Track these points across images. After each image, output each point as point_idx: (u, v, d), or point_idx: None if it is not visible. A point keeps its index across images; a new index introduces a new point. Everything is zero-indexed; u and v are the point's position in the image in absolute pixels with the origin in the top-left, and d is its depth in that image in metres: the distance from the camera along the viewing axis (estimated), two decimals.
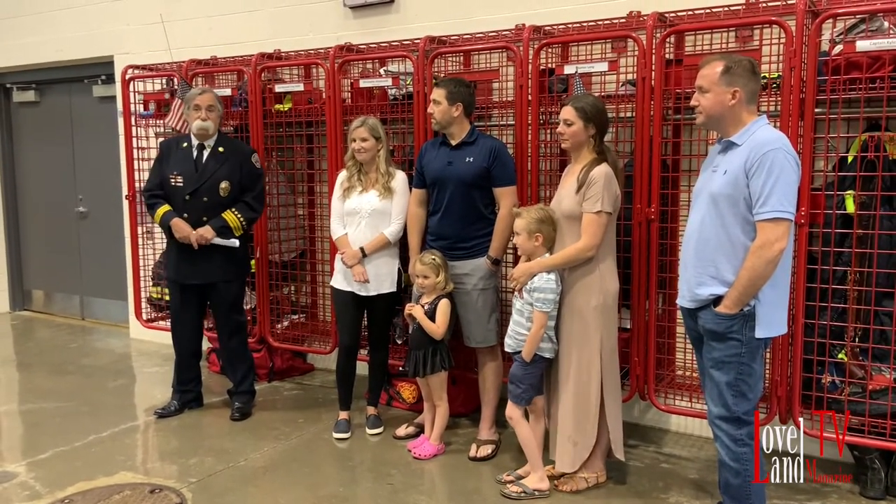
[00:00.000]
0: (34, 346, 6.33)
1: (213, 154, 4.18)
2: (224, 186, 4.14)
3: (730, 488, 2.82)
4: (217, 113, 4.17)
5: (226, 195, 4.15)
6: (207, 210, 4.13)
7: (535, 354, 3.31)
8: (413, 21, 4.68)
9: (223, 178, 4.14)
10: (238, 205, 4.19)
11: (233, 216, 4.15)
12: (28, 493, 3.46)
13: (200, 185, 4.12)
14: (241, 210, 4.18)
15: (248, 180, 4.23)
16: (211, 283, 4.22)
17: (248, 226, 4.26)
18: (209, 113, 4.12)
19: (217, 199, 4.14)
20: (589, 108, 3.25)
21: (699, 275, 2.76)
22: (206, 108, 4.12)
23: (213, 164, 4.16)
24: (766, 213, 2.58)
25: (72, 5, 6.30)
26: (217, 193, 4.14)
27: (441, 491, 3.54)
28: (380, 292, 3.94)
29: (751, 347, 2.70)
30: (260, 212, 4.34)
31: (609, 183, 3.21)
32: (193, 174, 4.14)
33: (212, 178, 4.13)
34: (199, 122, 4.12)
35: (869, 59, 3.07)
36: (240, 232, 4.18)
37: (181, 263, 4.21)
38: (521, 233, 3.32)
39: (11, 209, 7.35)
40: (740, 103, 2.69)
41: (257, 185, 4.28)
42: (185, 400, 4.48)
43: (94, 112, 6.61)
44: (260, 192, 4.30)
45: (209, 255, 4.13)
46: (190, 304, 4.32)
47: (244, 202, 4.20)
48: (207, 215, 4.12)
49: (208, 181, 4.13)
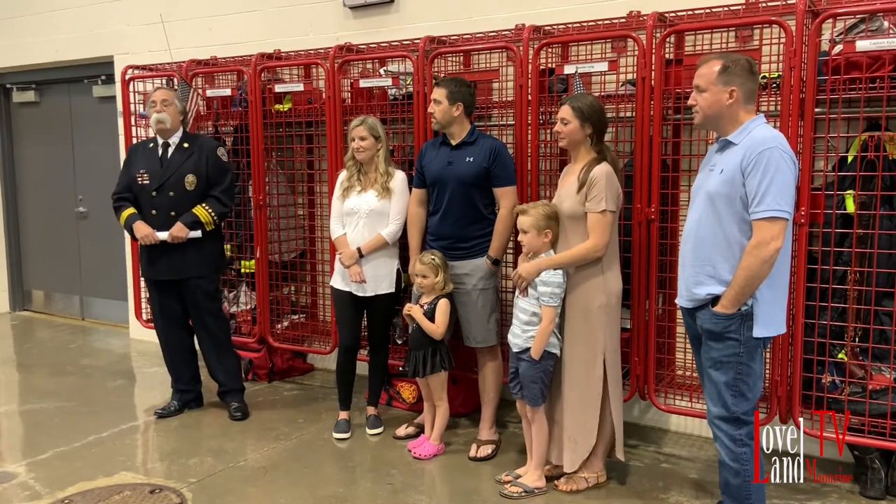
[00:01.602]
0: (34, 347, 6.33)
1: (178, 149, 4.21)
2: (190, 180, 4.15)
3: (730, 488, 2.82)
4: (174, 108, 4.20)
5: (192, 188, 4.16)
6: (175, 205, 4.14)
7: (544, 351, 3.30)
8: (413, 21, 4.67)
9: (188, 171, 4.16)
10: (208, 199, 4.19)
11: (203, 211, 4.15)
12: (28, 494, 3.46)
13: (166, 180, 4.14)
14: (212, 205, 4.19)
15: (215, 173, 4.23)
16: (184, 278, 4.22)
17: (220, 220, 4.26)
18: (164, 106, 4.16)
19: (183, 192, 4.15)
20: (586, 108, 3.25)
21: (697, 274, 2.76)
22: (161, 102, 4.17)
23: (178, 159, 4.19)
24: (762, 212, 2.58)
25: (72, 5, 6.30)
26: (183, 187, 4.15)
27: (441, 491, 3.54)
28: (378, 293, 3.94)
29: (749, 347, 2.69)
30: (230, 206, 4.32)
31: (610, 181, 3.21)
32: (159, 170, 4.17)
33: (177, 172, 4.15)
34: (154, 115, 4.17)
35: (869, 58, 3.07)
36: (211, 227, 4.19)
37: (154, 260, 4.21)
38: (530, 230, 3.30)
39: (11, 209, 7.35)
40: (738, 103, 2.69)
41: (225, 178, 4.26)
42: (185, 400, 4.48)
43: (94, 112, 6.61)
44: (228, 185, 4.28)
45: (182, 249, 4.15)
46: (171, 301, 4.32)
47: (214, 197, 4.21)
48: (175, 210, 4.13)
49: (174, 175, 4.15)
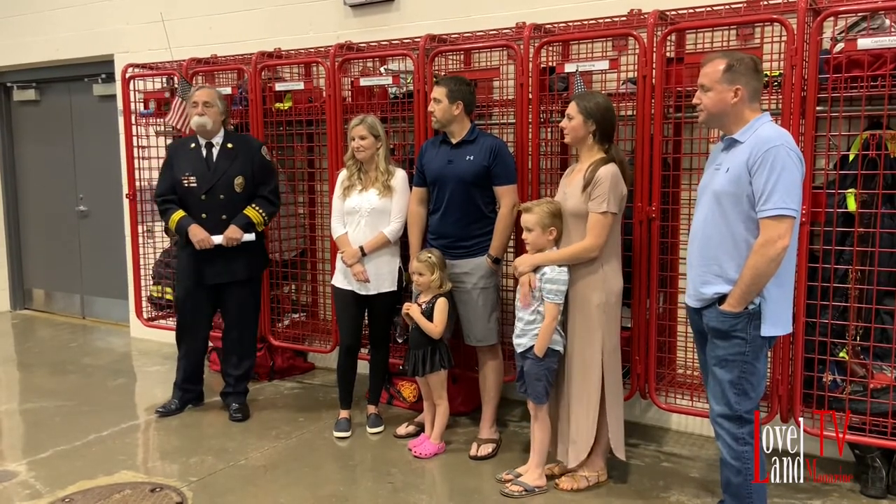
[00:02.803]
0: (35, 346, 6.33)
1: (223, 151, 4.18)
2: (239, 182, 4.14)
3: (731, 487, 2.82)
4: (216, 108, 4.15)
5: (241, 191, 4.16)
6: (225, 208, 4.13)
7: (548, 348, 3.30)
8: (413, 19, 4.67)
9: (237, 173, 4.15)
10: (258, 200, 4.20)
11: (255, 212, 4.16)
12: (29, 493, 3.46)
13: (215, 183, 4.12)
14: (262, 205, 4.19)
15: (261, 173, 4.23)
16: (237, 280, 4.21)
17: (269, 220, 4.28)
18: (206, 108, 4.11)
19: (233, 195, 4.14)
20: (591, 105, 3.25)
21: (703, 273, 2.75)
22: (203, 104, 4.11)
23: (224, 161, 4.16)
24: (769, 210, 2.57)
25: (72, 4, 6.30)
26: (233, 190, 4.14)
27: (441, 490, 3.54)
28: (380, 291, 3.94)
29: (755, 346, 2.69)
30: (278, 206, 4.34)
31: (616, 183, 3.20)
32: (206, 173, 4.14)
33: (225, 174, 4.14)
34: (196, 118, 4.12)
35: (870, 57, 3.06)
36: (262, 227, 4.21)
37: (202, 264, 4.16)
38: (535, 228, 3.30)
39: (12, 208, 7.35)
40: (742, 101, 2.68)
41: (271, 178, 4.28)
42: (186, 399, 4.48)
43: (95, 111, 6.60)
44: (275, 185, 4.30)
45: (234, 253, 4.14)
46: (206, 305, 4.31)
47: (264, 197, 4.21)
48: (226, 213, 4.13)
49: (222, 178, 4.13)
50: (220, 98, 4.22)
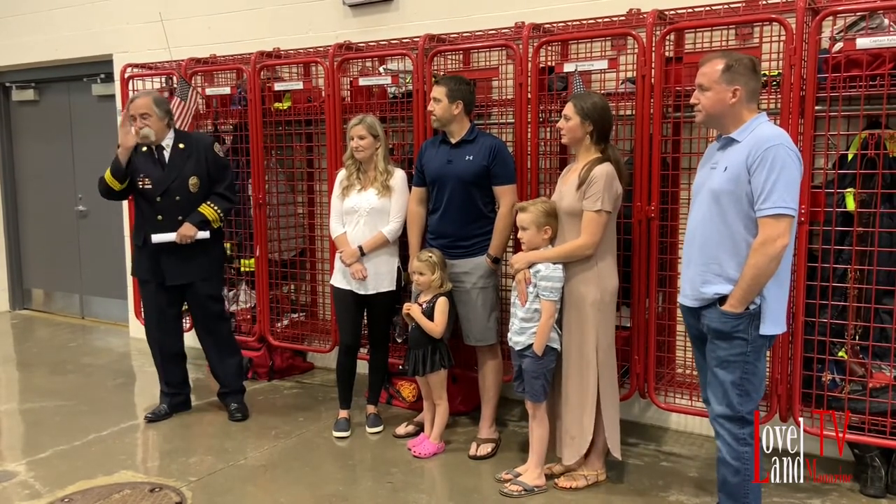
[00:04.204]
0: (34, 345, 6.33)
1: (175, 151, 4.14)
2: (193, 182, 4.12)
3: (727, 486, 2.81)
4: (155, 117, 4.04)
5: (196, 191, 4.13)
6: (182, 209, 4.10)
7: (546, 346, 3.31)
8: (412, 19, 4.67)
9: (191, 173, 4.12)
10: (213, 197, 4.17)
11: (210, 209, 4.13)
12: (28, 492, 3.47)
13: (170, 185, 4.09)
14: (217, 202, 4.16)
15: (215, 170, 4.20)
16: (193, 281, 4.18)
17: (225, 216, 4.25)
18: (144, 120, 4.02)
19: (189, 195, 4.11)
20: (588, 106, 3.25)
21: (703, 273, 2.75)
22: (140, 117, 4.03)
23: (178, 162, 4.12)
24: (768, 209, 2.57)
25: (71, 4, 6.29)
26: (188, 190, 4.11)
27: (441, 489, 3.54)
28: (379, 290, 3.94)
29: (756, 346, 2.69)
30: (235, 201, 4.31)
31: (610, 182, 3.21)
32: (161, 175, 4.10)
33: (179, 176, 4.10)
34: (142, 132, 4.01)
35: (869, 56, 3.07)
36: (218, 224, 4.17)
37: (161, 264, 4.13)
38: (530, 227, 3.32)
39: (11, 208, 7.35)
40: (741, 101, 2.68)
41: (226, 174, 4.24)
42: (174, 403, 4.44)
43: (94, 111, 6.60)
44: (231, 181, 4.26)
45: (190, 252, 4.11)
46: (170, 305, 4.27)
47: (219, 194, 4.18)
48: (182, 214, 4.10)
49: (177, 180, 4.10)
50: (156, 103, 4.10)
